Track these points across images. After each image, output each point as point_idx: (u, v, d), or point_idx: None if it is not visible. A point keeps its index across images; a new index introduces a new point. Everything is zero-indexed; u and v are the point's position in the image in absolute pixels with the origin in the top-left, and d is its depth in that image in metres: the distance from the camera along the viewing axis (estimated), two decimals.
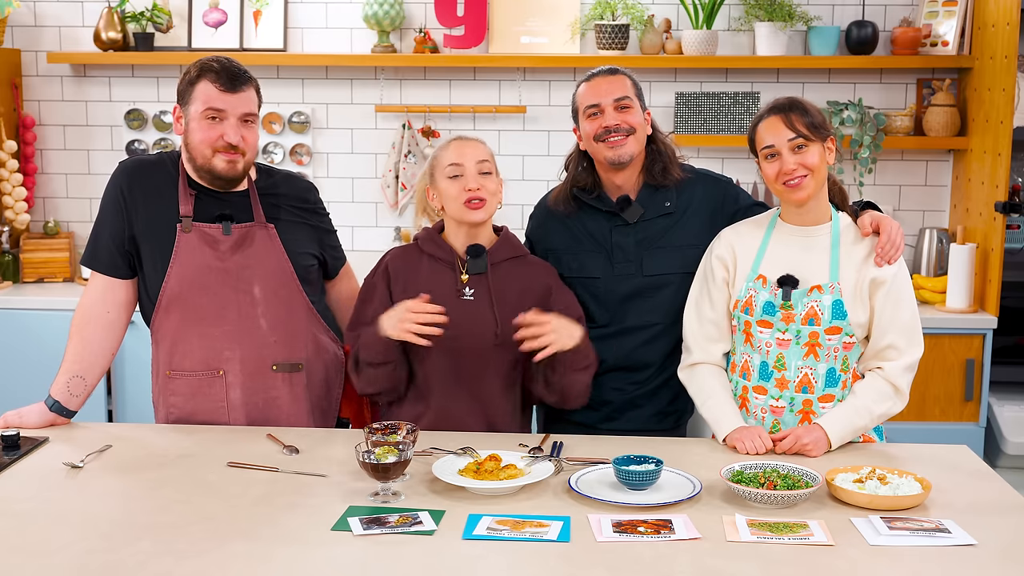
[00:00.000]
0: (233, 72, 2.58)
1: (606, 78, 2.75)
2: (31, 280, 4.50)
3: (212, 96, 2.55)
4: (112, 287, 2.69)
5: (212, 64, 2.58)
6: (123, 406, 4.13)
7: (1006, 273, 4.06)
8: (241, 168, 2.61)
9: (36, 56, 4.55)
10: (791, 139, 2.45)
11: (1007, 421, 4.07)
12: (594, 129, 2.71)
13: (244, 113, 2.58)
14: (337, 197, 4.51)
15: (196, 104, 2.57)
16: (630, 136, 2.70)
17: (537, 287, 2.66)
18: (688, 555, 1.90)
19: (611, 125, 2.69)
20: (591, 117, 2.72)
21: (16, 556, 1.89)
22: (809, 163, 2.45)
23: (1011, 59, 3.94)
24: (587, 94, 2.75)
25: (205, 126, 2.56)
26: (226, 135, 2.56)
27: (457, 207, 2.60)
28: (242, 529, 2.01)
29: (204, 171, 2.61)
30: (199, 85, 2.56)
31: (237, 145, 2.57)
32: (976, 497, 2.21)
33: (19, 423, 2.60)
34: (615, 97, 2.70)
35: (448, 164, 2.61)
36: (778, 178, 2.48)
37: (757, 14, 4.31)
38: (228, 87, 2.56)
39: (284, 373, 2.68)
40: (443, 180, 2.61)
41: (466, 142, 2.65)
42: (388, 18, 4.34)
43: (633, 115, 2.71)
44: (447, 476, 2.21)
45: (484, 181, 2.59)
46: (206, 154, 2.58)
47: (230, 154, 2.58)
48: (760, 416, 2.55)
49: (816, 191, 2.49)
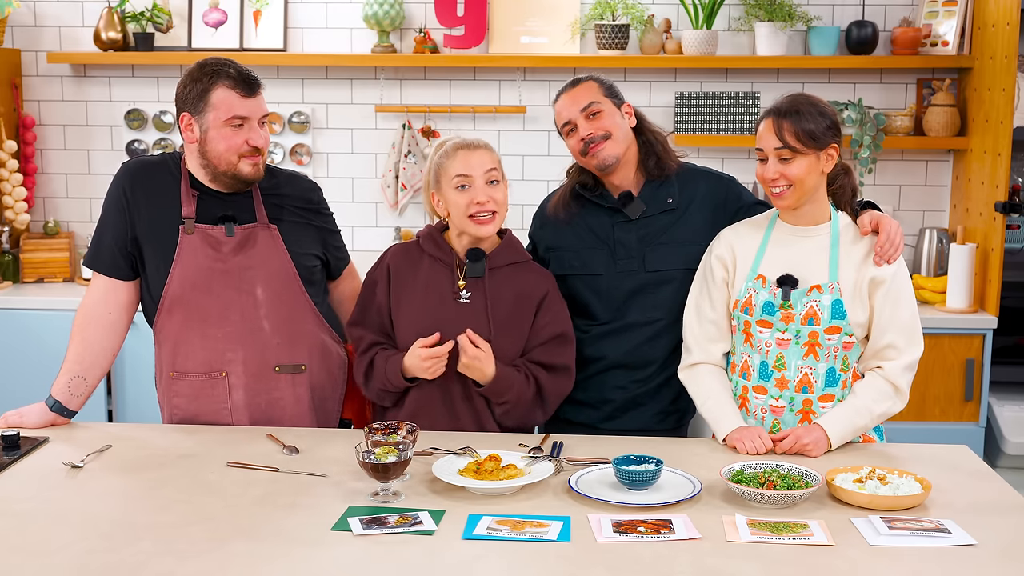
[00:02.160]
0: (248, 77, 2.57)
1: (570, 92, 2.75)
2: (31, 280, 4.50)
3: (235, 103, 2.54)
4: (114, 288, 2.69)
5: (226, 70, 2.55)
6: (123, 406, 4.13)
7: (1006, 273, 4.06)
8: (263, 169, 2.62)
9: (36, 56, 4.55)
10: (777, 148, 2.44)
11: (1007, 421, 4.07)
12: (576, 145, 2.73)
13: (263, 116, 2.60)
14: (337, 197, 4.50)
15: (217, 112, 2.54)
16: (607, 140, 2.69)
17: (533, 295, 2.65)
18: (688, 555, 1.90)
19: (585, 136, 2.69)
20: (569, 135, 2.74)
21: (16, 556, 1.89)
22: (791, 175, 2.44)
23: (1011, 59, 3.94)
24: (559, 113, 2.76)
25: (229, 134, 2.55)
26: (251, 140, 2.56)
27: (464, 221, 2.58)
28: (242, 529, 2.01)
29: (228, 176, 2.60)
30: (216, 92, 2.54)
31: (262, 148, 2.58)
32: (976, 497, 2.21)
33: (19, 423, 2.60)
34: (581, 108, 2.71)
35: (455, 175, 2.57)
36: (763, 182, 2.49)
37: (757, 14, 4.31)
38: (248, 92, 2.56)
39: (287, 374, 2.68)
40: (450, 190, 2.59)
41: (472, 151, 2.60)
42: (388, 18, 4.34)
43: (604, 119, 2.70)
44: (447, 476, 2.21)
45: (493, 192, 2.57)
46: (232, 160, 2.57)
47: (255, 157, 2.58)
48: (760, 416, 2.55)
49: (799, 201, 2.48)
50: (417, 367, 2.54)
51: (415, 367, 2.54)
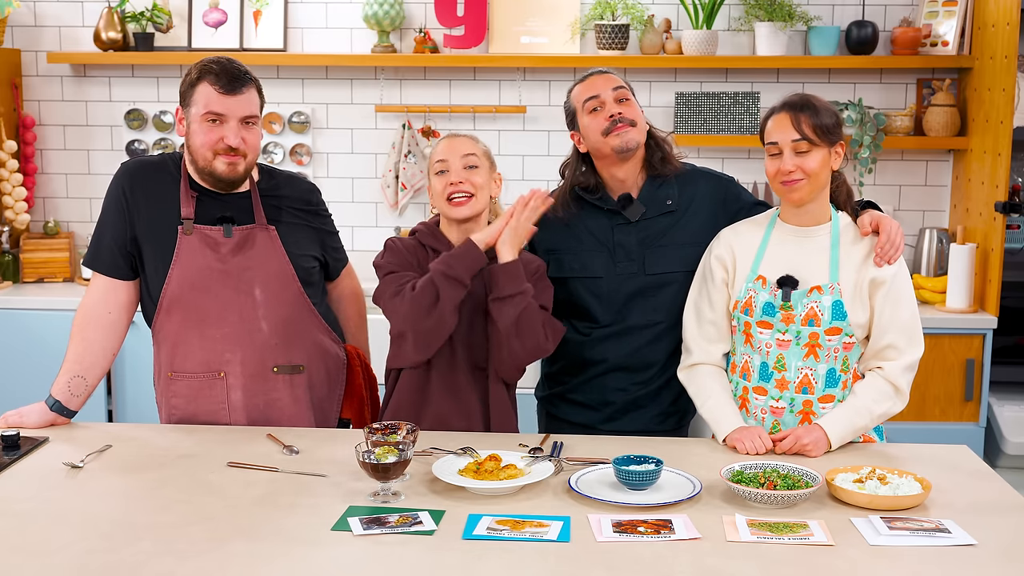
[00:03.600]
0: (233, 74, 2.56)
1: (600, 75, 2.78)
2: (31, 280, 4.50)
3: (212, 99, 2.54)
4: (114, 288, 2.68)
5: (212, 66, 2.56)
6: (123, 406, 4.13)
7: (1006, 273, 4.07)
8: (242, 170, 2.61)
9: (36, 56, 4.55)
10: (795, 140, 2.45)
11: (1007, 421, 4.07)
12: (600, 122, 2.71)
13: (245, 115, 2.57)
14: (337, 197, 4.51)
15: (197, 106, 2.56)
16: (633, 127, 2.71)
17: None
18: (688, 555, 1.90)
19: (615, 114, 2.69)
20: (593, 112, 2.72)
21: (16, 556, 1.89)
22: (808, 167, 2.45)
23: (1011, 59, 3.94)
24: (584, 89, 2.76)
25: (205, 129, 2.56)
26: (226, 138, 2.55)
27: (441, 203, 2.62)
28: (242, 529, 2.01)
29: (205, 173, 2.61)
30: (199, 87, 2.56)
31: (237, 148, 2.57)
32: (976, 497, 2.21)
33: (19, 423, 2.60)
34: (613, 87, 2.73)
35: (436, 160, 2.63)
36: (776, 176, 2.48)
37: (757, 14, 4.31)
38: (228, 89, 2.55)
39: (285, 375, 2.67)
40: (432, 177, 2.64)
41: (455, 138, 2.67)
42: (388, 18, 4.34)
43: (633, 107, 2.73)
44: (447, 476, 2.20)
45: (470, 175, 2.59)
46: (207, 156, 2.57)
47: (230, 156, 2.57)
48: (760, 417, 2.55)
49: (812, 195, 2.49)
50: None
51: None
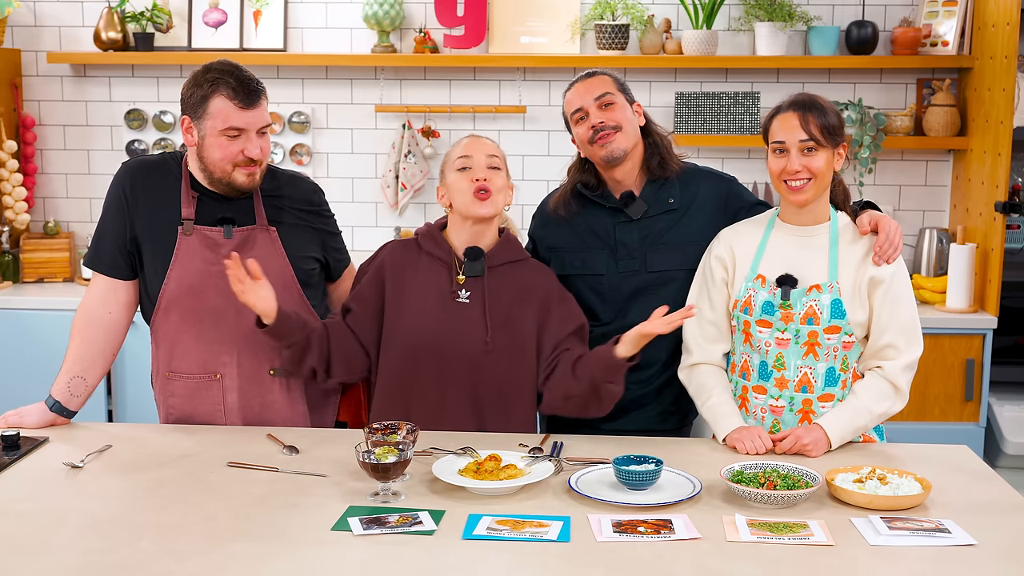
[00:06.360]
0: (249, 86, 2.52)
1: (584, 82, 2.77)
2: (31, 280, 4.50)
3: (231, 114, 2.51)
4: (114, 288, 2.68)
5: (227, 79, 2.51)
6: (123, 406, 4.13)
7: (1006, 273, 4.07)
8: (259, 178, 2.61)
9: (36, 56, 4.55)
10: (802, 140, 2.45)
11: (1007, 421, 4.07)
12: (585, 133, 2.73)
13: (263, 126, 2.57)
14: (337, 197, 4.50)
15: (213, 121, 2.52)
16: (618, 132, 2.70)
17: (535, 293, 2.64)
18: (688, 555, 1.90)
19: (596, 124, 2.70)
20: (579, 122, 2.75)
21: (16, 556, 1.89)
22: (814, 168, 2.45)
23: (1011, 59, 3.94)
24: (571, 100, 2.77)
25: (224, 143, 2.53)
26: (247, 151, 2.53)
27: (464, 200, 2.58)
28: (242, 529, 2.01)
29: (223, 183, 2.59)
30: (215, 100, 2.51)
31: (258, 159, 2.56)
32: (976, 497, 2.21)
33: (19, 423, 2.60)
34: (595, 96, 2.72)
35: (458, 157, 2.62)
36: (781, 175, 2.48)
37: (757, 14, 4.31)
38: (246, 103, 2.51)
39: (281, 378, 2.67)
40: (452, 173, 2.61)
41: (478, 139, 2.67)
42: (388, 18, 4.34)
43: (617, 111, 2.72)
44: (447, 476, 2.20)
45: (492, 175, 2.59)
46: (226, 169, 2.55)
47: (250, 167, 2.56)
48: (760, 416, 2.55)
49: (817, 195, 2.49)
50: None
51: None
